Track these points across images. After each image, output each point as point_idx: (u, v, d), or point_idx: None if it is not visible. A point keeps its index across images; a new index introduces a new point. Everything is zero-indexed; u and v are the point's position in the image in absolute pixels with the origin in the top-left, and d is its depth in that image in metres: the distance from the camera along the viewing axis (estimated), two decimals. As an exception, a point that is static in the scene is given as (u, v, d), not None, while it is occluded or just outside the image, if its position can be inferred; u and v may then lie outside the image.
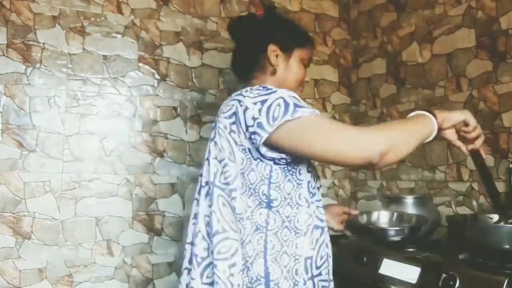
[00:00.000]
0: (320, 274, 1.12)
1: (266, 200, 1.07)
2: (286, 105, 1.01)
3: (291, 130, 1.00)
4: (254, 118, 1.03)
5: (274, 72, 1.23)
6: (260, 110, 1.02)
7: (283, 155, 1.06)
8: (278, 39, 1.23)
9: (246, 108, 1.05)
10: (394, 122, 1.19)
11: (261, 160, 1.06)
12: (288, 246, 1.07)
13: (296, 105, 1.02)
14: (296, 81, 1.26)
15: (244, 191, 1.06)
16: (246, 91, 1.09)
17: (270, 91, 1.06)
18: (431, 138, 1.09)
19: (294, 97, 1.05)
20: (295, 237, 1.08)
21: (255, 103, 1.04)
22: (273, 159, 1.05)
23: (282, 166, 1.07)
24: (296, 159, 1.09)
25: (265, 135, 1.01)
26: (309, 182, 1.12)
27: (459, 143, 1.21)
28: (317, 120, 1.01)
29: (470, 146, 1.21)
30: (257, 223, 1.06)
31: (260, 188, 1.06)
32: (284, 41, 1.24)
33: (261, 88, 1.08)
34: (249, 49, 1.26)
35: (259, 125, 1.01)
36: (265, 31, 1.25)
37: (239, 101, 1.08)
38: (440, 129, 1.12)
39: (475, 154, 1.23)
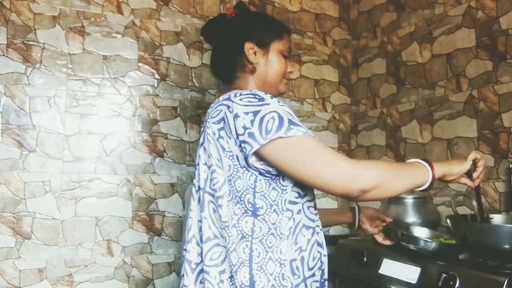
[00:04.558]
0: (313, 275, 1.11)
1: (251, 209, 1.05)
2: (281, 120, 1.00)
3: (280, 147, 1.00)
4: (245, 128, 1.01)
5: (253, 70, 1.21)
6: (252, 121, 1.01)
7: (270, 169, 1.04)
8: (253, 36, 1.21)
9: (237, 116, 1.03)
10: (390, 162, 1.18)
11: (247, 169, 1.05)
12: (273, 252, 1.06)
13: (290, 122, 1.01)
14: (278, 75, 1.23)
15: (231, 198, 1.06)
16: (235, 95, 1.07)
17: (263, 102, 1.04)
18: (423, 188, 1.09)
19: (288, 112, 1.04)
20: (279, 242, 1.06)
21: (246, 113, 1.02)
22: (257, 169, 1.04)
23: (266, 177, 1.06)
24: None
25: (256, 146, 1.00)
26: (295, 184, 1.09)
27: (464, 180, 1.23)
28: (308, 143, 1.00)
29: (477, 182, 1.24)
30: (243, 231, 1.05)
31: (245, 196, 1.05)
32: (259, 36, 1.21)
33: (251, 95, 1.06)
34: (226, 51, 1.24)
35: (251, 136, 1.00)
36: (239, 30, 1.23)
37: (228, 106, 1.06)
38: (443, 181, 1.17)
39: (477, 187, 1.27)
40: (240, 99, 1.05)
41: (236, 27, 1.23)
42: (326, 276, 1.15)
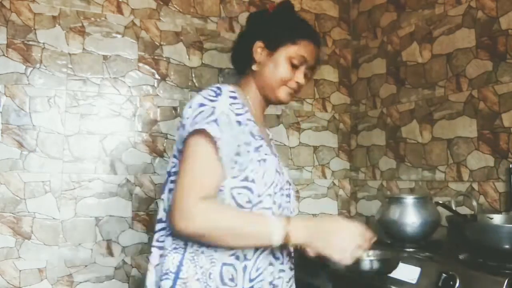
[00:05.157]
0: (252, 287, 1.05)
1: None
2: (210, 115, 1.02)
3: (191, 140, 1.03)
4: (186, 118, 1.06)
5: (257, 70, 1.20)
6: (193, 111, 1.05)
7: None
8: (266, 35, 1.20)
9: (190, 105, 1.07)
10: (239, 215, 1.02)
11: None
12: (208, 247, 1.03)
13: (215, 121, 1.01)
14: (277, 80, 1.18)
15: None
16: (205, 89, 1.11)
17: (216, 98, 1.06)
18: (272, 246, 1.00)
19: (227, 115, 1.04)
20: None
21: (198, 104, 1.06)
22: None
23: None
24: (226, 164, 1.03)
25: (184, 136, 1.04)
26: (244, 187, 1.06)
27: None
28: (200, 153, 1.01)
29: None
30: None
31: None
32: (272, 37, 1.19)
33: (215, 88, 1.09)
34: (242, 44, 1.25)
35: (183, 126, 1.06)
36: (258, 27, 1.23)
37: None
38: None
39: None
40: (205, 91, 1.09)
41: (258, 24, 1.24)
42: None
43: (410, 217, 1.67)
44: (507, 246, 1.22)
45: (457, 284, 1.22)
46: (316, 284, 1.73)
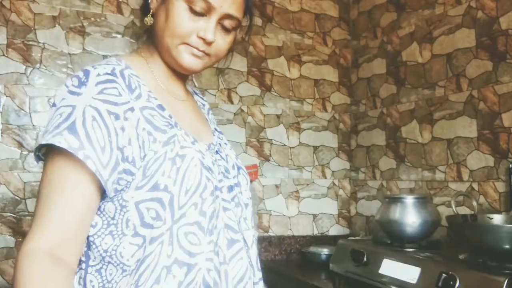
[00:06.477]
0: None
1: None
2: (67, 118, 0.75)
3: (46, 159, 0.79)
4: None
5: (149, 21, 0.89)
6: (50, 114, 0.80)
7: None
8: None
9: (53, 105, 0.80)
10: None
11: None
12: None
13: (72, 128, 0.73)
14: (173, 34, 0.83)
15: None
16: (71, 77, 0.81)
17: (79, 89, 0.77)
18: None
19: (97, 109, 0.75)
20: (120, 277, 0.78)
21: (54, 104, 0.80)
22: None
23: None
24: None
25: (35, 152, 0.83)
26: (150, 200, 0.77)
27: None
28: (58, 176, 0.76)
29: None
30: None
31: None
32: None
33: (81, 73, 0.79)
34: None
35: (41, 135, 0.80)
36: None
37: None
38: None
39: None
40: (70, 79, 0.80)
41: None
42: None
43: (410, 217, 1.67)
44: (507, 246, 1.22)
45: (457, 284, 1.22)
46: (316, 284, 1.73)
